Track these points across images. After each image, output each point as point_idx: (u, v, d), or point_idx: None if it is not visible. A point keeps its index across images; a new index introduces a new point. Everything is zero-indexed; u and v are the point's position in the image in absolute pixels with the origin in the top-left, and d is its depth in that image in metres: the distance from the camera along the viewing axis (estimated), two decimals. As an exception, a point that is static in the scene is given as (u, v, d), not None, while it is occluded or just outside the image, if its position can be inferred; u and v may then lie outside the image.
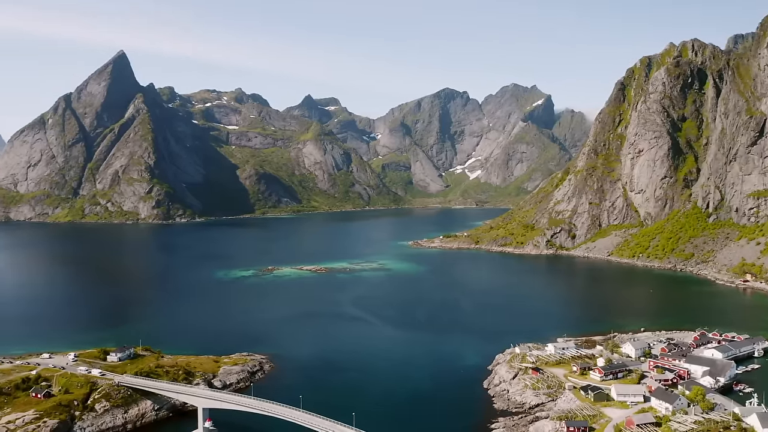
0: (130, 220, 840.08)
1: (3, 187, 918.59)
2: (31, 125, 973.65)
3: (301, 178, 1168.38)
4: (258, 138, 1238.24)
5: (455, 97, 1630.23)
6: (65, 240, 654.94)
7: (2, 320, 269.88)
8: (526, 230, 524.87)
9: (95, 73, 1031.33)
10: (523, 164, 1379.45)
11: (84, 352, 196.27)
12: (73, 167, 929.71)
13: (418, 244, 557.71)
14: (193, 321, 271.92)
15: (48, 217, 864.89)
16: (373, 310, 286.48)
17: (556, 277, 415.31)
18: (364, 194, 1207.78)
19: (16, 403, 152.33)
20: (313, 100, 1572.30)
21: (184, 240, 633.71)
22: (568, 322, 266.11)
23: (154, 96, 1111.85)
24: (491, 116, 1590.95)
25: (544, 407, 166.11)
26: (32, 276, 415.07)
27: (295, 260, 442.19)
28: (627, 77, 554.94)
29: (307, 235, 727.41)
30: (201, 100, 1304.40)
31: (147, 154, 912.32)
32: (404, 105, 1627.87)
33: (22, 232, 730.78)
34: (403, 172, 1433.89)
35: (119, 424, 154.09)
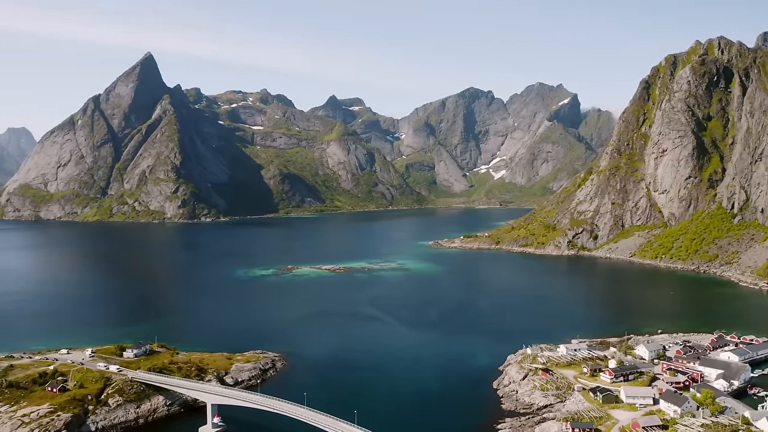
0: (157, 219, 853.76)
1: (33, 186, 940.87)
2: (60, 126, 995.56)
3: (325, 178, 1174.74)
4: (282, 138, 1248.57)
5: (480, 96, 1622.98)
6: (93, 239, 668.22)
7: (27, 317, 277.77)
8: (547, 230, 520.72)
9: (123, 74, 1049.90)
10: (549, 164, 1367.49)
11: (101, 348, 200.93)
12: (102, 167, 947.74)
13: (438, 244, 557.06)
14: (210, 319, 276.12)
15: (77, 216, 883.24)
16: (388, 309, 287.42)
17: (576, 278, 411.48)
18: (387, 194, 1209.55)
19: (32, 397, 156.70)
20: (337, 100, 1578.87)
21: (207, 239, 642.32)
22: (585, 323, 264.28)
23: (181, 97, 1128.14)
24: (516, 115, 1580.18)
25: (552, 408, 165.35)
26: (60, 274, 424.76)
27: (315, 260, 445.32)
28: (652, 76, 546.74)
29: (328, 234, 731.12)
30: (227, 101, 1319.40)
31: (173, 155, 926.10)
32: (428, 105, 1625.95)
33: (51, 231, 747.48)
34: (427, 172, 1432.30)
35: (131, 418, 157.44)
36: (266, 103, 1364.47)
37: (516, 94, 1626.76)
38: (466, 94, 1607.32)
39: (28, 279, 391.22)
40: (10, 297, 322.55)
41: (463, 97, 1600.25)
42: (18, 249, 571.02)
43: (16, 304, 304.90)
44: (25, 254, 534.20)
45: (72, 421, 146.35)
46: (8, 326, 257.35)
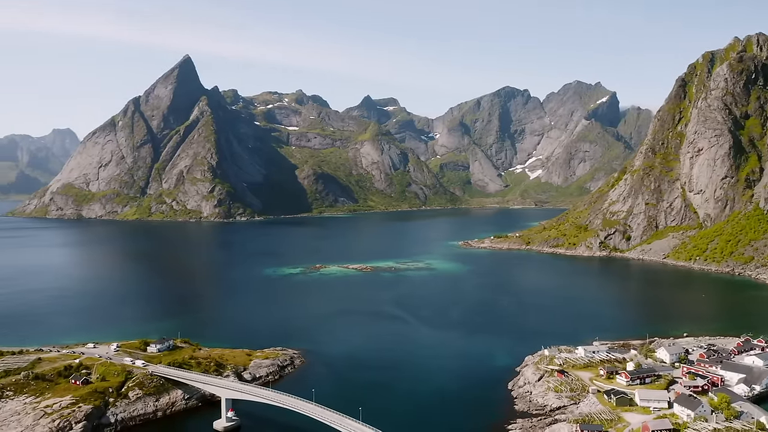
0: (194, 218, 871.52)
1: (76, 186, 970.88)
2: (102, 127, 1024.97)
3: (359, 177, 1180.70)
4: (317, 138, 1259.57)
5: (516, 95, 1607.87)
6: (131, 237, 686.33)
7: (62, 312, 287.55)
8: (578, 231, 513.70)
9: (162, 77, 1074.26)
10: (586, 164, 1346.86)
11: (126, 343, 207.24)
12: (141, 167, 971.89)
13: (468, 245, 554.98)
14: (235, 316, 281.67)
15: (117, 215, 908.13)
16: (410, 309, 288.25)
17: (606, 280, 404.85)
18: (420, 194, 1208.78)
19: (56, 388, 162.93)
20: (372, 100, 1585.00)
21: (241, 238, 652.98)
22: (610, 325, 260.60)
23: (218, 98, 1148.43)
24: (553, 114, 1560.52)
25: (566, 410, 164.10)
26: (97, 271, 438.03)
27: (343, 259, 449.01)
28: (688, 73, 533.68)
29: (359, 234, 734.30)
30: (263, 101, 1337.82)
31: (210, 155, 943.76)
32: (463, 104, 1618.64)
33: (92, 229, 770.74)
34: (462, 171, 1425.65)
35: (150, 411, 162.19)
36: (301, 103, 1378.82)
37: (553, 93, 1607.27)
38: (501, 93, 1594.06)
39: (67, 276, 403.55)
40: (49, 293, 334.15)
41: (498, 96, 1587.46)
42: (60, 247, 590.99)
43: (54, 300, 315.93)
44: (66, 252, 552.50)
45: (92, 413, 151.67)
46: (44, 321, 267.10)
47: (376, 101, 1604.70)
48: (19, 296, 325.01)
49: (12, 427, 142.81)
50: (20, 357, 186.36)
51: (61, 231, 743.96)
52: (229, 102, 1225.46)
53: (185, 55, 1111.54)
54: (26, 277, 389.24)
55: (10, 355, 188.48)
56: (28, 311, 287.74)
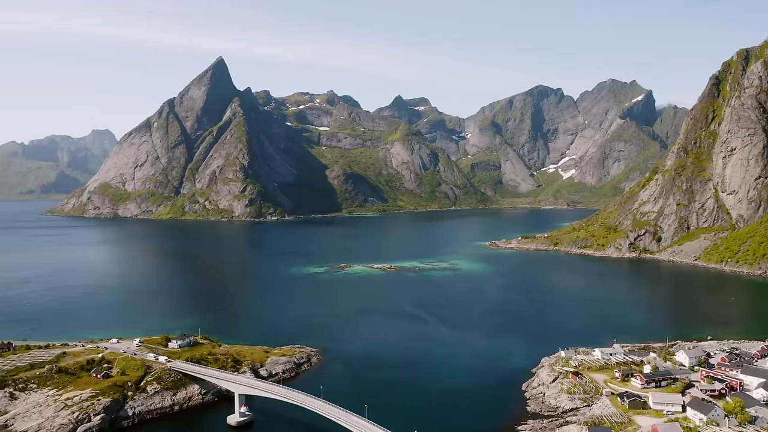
0: (225, 217, 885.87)
1: (112, 185, 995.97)
2: (138, 128, 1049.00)
3: (388, 177, 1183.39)
4: (348, 139, 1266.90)
5: (549, 94, 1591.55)
6: (165, 236, 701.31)
7: (92, 308, 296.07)
8: (608, 232, 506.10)
9: (196, 78, 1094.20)
10: (621, 163, 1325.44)
11: (148, 339, 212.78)
12: (175, 167, 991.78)
13: (495, 245, 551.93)
14: (257, 313, 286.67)
15: (152, 214, 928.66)
16: (430, 309, 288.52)
17: (633, 281, 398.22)
18: (450, 194, 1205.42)
19: (78, 382, 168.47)
20: (403, 100, 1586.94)
21: (270, 237, 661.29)
22: (632, 327, 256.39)
23: (251, 99, 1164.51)
24: (587, 113, 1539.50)
25: (578, 412, 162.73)
26: (129, 268, 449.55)
27: (369, 258, 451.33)
28: (722, 71, 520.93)
29: (387, 234, 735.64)
30: (295, 102, 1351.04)
31: (242, 155, 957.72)
32: (495, 103, 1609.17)
33: (128, 228, 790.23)
34: (493, 171, 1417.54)
35: (167, 405, 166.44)
36: (332, 104, 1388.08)
37: (587, 92, 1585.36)
38: (534, 92, 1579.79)
39: (100, 273, 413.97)
40: (81, 290, 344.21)
41: (531, 95, 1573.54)
42: (95, 245, 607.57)
43: (85, 297, 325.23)
44: (101, 250, 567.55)
45: (111, 406, 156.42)
46: (74, 316, 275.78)
47: (407, 101, 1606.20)
48: (54, 292, 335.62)
49: (33, 418, 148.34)
50: (46, 351, 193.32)
51: (98, 229, 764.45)
52: (261, 103, 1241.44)
53: (218, 57, 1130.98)
54: (62, 273, 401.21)
55: (36, 349, 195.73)
56: (60, 307, 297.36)
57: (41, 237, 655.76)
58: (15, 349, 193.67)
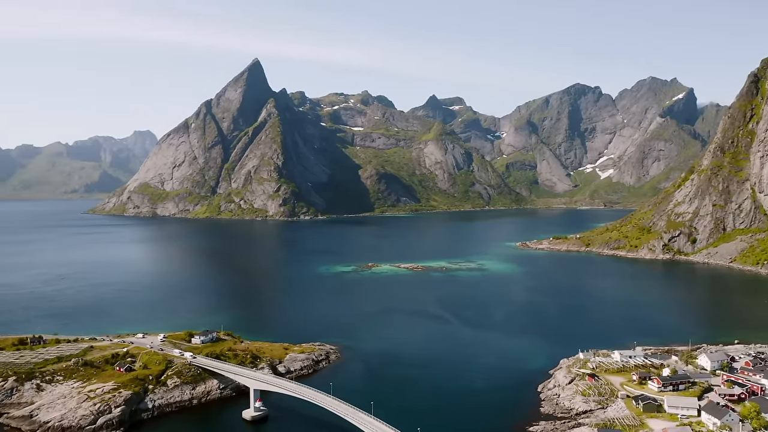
0: (260, 216, 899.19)
1: (151, 185, 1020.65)
2: (176, 129, 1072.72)
3: (422, 177, 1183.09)
4: (381, 139, 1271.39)
5: (586, 92, 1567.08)
6: (200, 235, 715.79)
7: (124, 304, 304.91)
8: (641, 233, 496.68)
9: (232, 80, 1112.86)
10: (660, 163, 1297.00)
11: (172, 334, 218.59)
12: (212, 168, 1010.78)
13: (525, 246, 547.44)
14: (281, 311, 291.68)
15: (189, 213, 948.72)
16: (453, 309, 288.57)
17: (665, 284, 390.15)
18: (484, 194, 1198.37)
19: (102, 375, 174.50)
20: (437, 100, 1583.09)
21: (302, 236, 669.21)
22: (657, 330, 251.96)
23: (286, 100, 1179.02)
24: (626, 112, 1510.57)
25: (592, 414, 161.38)
26: (163, 266, 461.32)
27: (397, 258, 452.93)
28: (761, 68, 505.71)
29: (418, 234, 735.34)
30: (329, 103, 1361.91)
31: (276, 156, 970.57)
32: (531, 102, 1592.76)
33: (165, 227, 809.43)
34: (528, 171, 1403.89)
35: (186, 398, 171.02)
36: (367, 104, 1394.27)
37: (626, 90, 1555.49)
38: (571, 91, 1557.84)
39: (135, 271, 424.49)
40: (116, 286, 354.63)
41: (568, 93, 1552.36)
42: (133, 243, 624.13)
43: (119, 293, 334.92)
44: (138, 248, 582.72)
45: (131, 398, 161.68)
46: (106, 312, 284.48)
47: (442, 101, 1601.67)
48: (90, 289, 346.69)
49: (57, 409, 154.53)
50: (75, 345, 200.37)
51: (136, 228, 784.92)
52: (296, 104, 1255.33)
53: (254, 58, 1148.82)
54: (99, 271, 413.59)
55: (65, 342, 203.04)
56: (94, 303, 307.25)
57: (81, 235, 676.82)
58: (45, 343, 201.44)
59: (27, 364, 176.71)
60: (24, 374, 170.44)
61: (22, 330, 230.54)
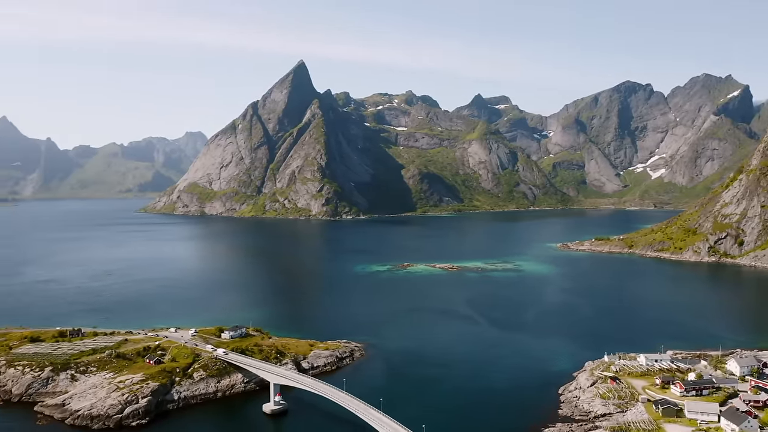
0: (303, 216, 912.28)
1: (200, 185, 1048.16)
2: (224, 130, 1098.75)
3: (465, 177, 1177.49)
4: (425, 138, 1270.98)
5: (637, 90, 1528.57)
6: (244, 233, 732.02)
7: (165, 300, 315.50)
8: (686, 235, 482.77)
9: (278, 82, 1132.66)
10: (714, 162, 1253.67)
11: (203, 329, 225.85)
12: (258, 168, 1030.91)
13: (566, 247, 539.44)
14: (313, 308, 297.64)
15: (235, 212, 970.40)
16: (483, 309, 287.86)
17: (708, 287, 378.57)
18: (529, 194, 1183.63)
19: (133, 366, 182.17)
20: (482, 99, 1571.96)
21: (342, 235, 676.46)
22: (692, 334, 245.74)
23: (330, 101, 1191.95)
24: (678, 110, 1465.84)
25: (610, 418, 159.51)
26: (206, 263, 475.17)
27: (433, 258, 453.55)
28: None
29: (458, 234, 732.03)
30: (373, 103, 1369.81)
31: (319, 156, 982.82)
32: (579, 101, 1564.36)
33: (212, 226, 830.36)
34: (576, 171, 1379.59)
35: (211, 391, 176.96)
36: (411, 104, 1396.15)
37: (678, 87, 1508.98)
38: (621, 88, 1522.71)
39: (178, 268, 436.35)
40: (159, 282, 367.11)
41: (618, 91, 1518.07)
42: (179, 241, 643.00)
43: (161, 289, 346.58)
44: (184, 245, 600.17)
45: (158, 390, 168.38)
46: (146, 307, 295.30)
47: (487, 100, 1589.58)
48: (133, 284, 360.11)
49: (87, 398, 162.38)
50: (111, 338, 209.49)
51: (184, 226, 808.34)
52: (341, 104, 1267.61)
53: (300, 60, 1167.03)
54: (144, 267, 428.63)
55: (102, 335, 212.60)
56: (136, 298, 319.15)
57: (131, 233, 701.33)
58: (83, 335, 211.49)
59: (63, 355, 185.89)
60: (60, 365, 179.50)
61: (64, 323, 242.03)
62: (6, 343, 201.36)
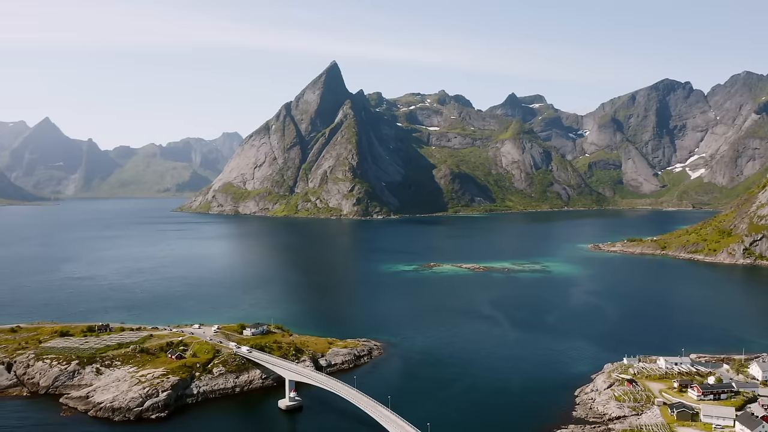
0: (334, 215, 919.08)
1: (234, 184, 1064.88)
2: (258, 131, 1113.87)
3: (497, 177, 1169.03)
4: (457, 138, 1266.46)
5: (676, 88, 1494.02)
6: (276, 232, 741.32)
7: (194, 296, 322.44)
8: (721, 236, 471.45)
9: (311, 83, 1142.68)
10: (755, 162, 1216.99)
11: (225, 326, 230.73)
12: (290, 168, 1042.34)
13: (597, 248, 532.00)
14: (335, 306, 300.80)
15: (268, 212, 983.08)
16: (506, 310, 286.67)
17: (739, 290, 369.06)
18: (563, 194, 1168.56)
19: (155, 361, 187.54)
20: (516, 98, 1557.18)
21: (371, 235, 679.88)
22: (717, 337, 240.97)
23: (363, 101, 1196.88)
24: (718, 108, 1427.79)
25: (624, 421, 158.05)
26: (236, 261, 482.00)
27: (460, 258, 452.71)
28: None
29: (488, 234, 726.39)
30: (405, 103, 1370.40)
31: (351, 156, 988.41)
32: (616, 99, 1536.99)
33: (245, 225, 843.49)
34: (612, 170, 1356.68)
35: (229, 386, 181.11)
36: (443, 103, 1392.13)
37: (718, 85, 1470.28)
38: (659, 87, 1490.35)
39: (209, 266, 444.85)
40: (188, 280, 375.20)
41: (656, 89, 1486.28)
42: (213, 239, 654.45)
43: (190, 287, 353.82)
44: (217, 244, 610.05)
45: (178, 384, 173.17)
46: (173, 304, 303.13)
47: (521, 99, 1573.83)
48: (164, 282, 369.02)
49: (110, 391, 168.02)
50: (137, 333, 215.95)
51: (218, 225, 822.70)
52: (373, 104, 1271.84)
53: (332, 61, 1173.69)
54: (176, 265, 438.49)
55: (129, 330, 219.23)
56: (165, 294, 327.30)
57: (166, 231, 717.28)
58: (111, 330, 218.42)
59: (90, 349, 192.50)
60: (86, 359, 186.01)
61: (95, 318, 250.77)
62: (37, 337, 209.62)
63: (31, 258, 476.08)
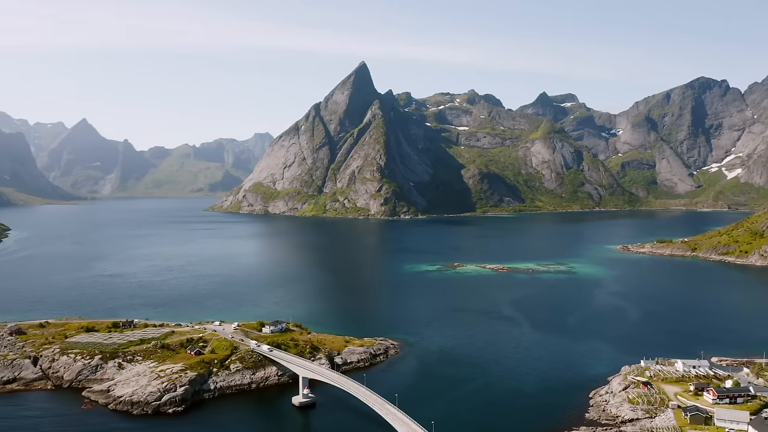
0: (362, 215, 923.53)
1: (264, 184, 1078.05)
2: (288, 131, 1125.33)
3: (527, 177, 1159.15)
4: (486, 138, 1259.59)
5: (712, 86, 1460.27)
6: (304, 232, 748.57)
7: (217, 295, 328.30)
8: (753, 237, 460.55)
9: (340, 83, 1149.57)
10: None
11: (245, 323, 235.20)
12: (319, 168, 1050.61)
13: (626, 249, 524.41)
14: (355, 305, 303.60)
15: (297, 212, 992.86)
16: (526, 311, 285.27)
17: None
18: (594, 194, 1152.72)
19: (175, 357, 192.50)
20: (548, 97, 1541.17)
21: (398, 235, 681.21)
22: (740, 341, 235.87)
23: (391, 101, 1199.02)
24: (756, 107, 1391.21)
25: (637, 423, 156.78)
26: (262, 260, 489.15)
27: (485, 258, 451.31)
28: None
29: (516, 235, 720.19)
30: (434, 103, 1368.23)
31: (379, 156, 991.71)
32: (650, 98, 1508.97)
33: (274, 224, 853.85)
34: (646, 170, 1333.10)
35: (246, 383, 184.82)
36: (473, 103, 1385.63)
37: (756, 83, 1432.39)
38: (695, 85, 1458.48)
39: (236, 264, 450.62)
40: (215, 278, 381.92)
41: (691, 87, 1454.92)
42: (241, 238, 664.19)
43: (217, 285, 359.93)
44: (245, 243, 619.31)
45: (195, 379, 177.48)
46: (198, 301, 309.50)
47: (553, 98, 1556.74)
48: (191, 280, 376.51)
49: (130, 385, 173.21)
50: (159, 329, 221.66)
51: (248, 225, 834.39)
52: (402, 104, 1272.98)
53: (361, 61, 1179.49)
54: (204, 263, 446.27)
55: (152, 327, 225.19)
56: (191, 292, 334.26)
57: (197, 230, 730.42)
58: (135, 326, 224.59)
59: (113, 344, 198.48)
60: (109, 353, 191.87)
61: (121, 315, 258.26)
62: (63, 332, 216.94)
63: (64, 256, 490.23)
